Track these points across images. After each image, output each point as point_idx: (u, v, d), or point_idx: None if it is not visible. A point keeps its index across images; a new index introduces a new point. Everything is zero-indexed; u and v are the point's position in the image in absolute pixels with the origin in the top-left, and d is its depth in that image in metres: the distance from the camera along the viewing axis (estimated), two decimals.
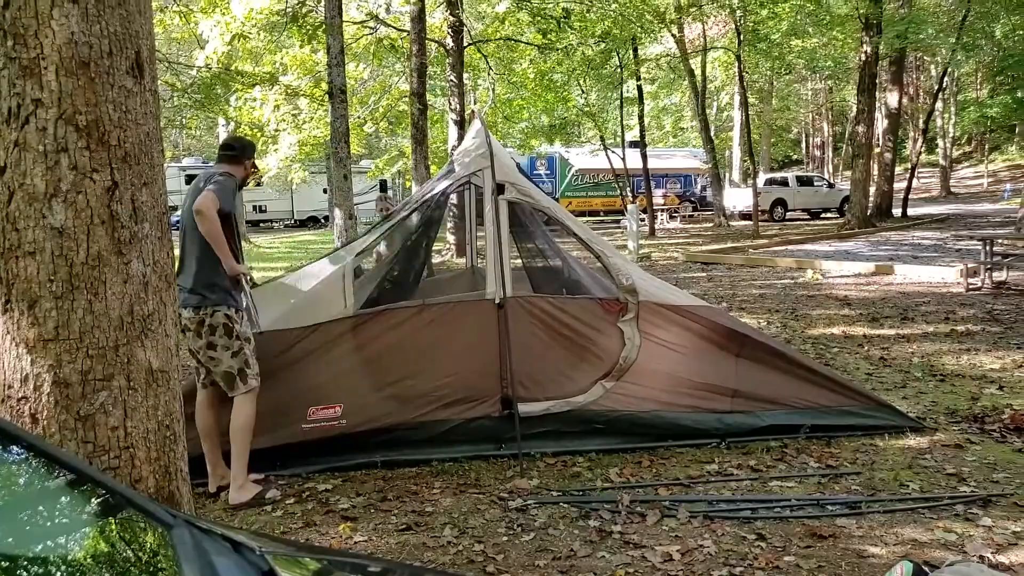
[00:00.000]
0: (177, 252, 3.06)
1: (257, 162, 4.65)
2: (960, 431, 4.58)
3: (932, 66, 32.31)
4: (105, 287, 2.11)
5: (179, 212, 3.85)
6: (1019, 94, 20.81)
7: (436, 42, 15.76)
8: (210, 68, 12.73)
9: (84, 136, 2.05)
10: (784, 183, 26.91)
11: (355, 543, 3.39)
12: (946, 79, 27.05)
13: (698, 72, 22.72)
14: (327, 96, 9.96)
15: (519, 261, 5.09)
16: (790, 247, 17.08)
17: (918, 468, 4.03)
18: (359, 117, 18.12)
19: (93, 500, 1.33)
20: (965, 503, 3.57)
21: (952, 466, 4.03)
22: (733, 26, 20.11)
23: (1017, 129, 36.21)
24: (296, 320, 4.19)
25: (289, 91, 15.32)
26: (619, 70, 20.62)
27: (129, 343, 2.16)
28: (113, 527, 1.34)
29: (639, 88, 22.15)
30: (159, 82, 2.67)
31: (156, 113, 2.30)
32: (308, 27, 11.32)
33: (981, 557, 3.03)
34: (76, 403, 2.08)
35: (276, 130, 16.63)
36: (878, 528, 3.37)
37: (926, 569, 2.57)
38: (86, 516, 1.34)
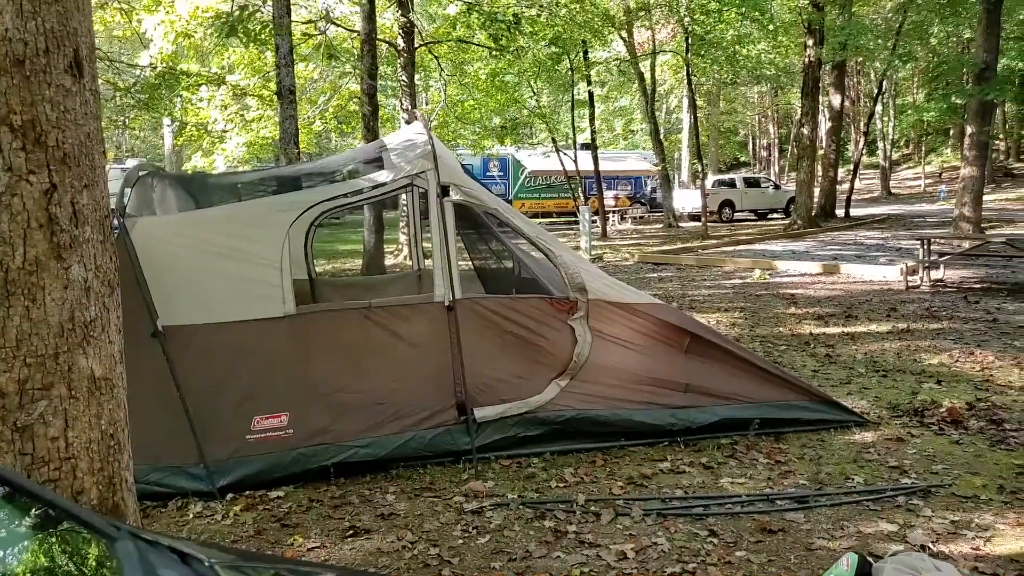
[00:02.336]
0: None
1: (204, 162, 4.50)
2: (901, 425, 4.73)
3: (872, 71, 33.27)
4: (44, 293, 2.04)
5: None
6: (952, 99, 21.58)
7: (387, 43, 15.65)
8: (154, 68, 12.41)
9: (19, 137, 1.98)
10: (732, 184, 27.43)
11: (308, 551, 3.34)
12: (885, 83, 27.90)
13: (648, 76, 23.02)
14: (276, 96, 9.80)
15: (469, 263, 5.06)
16: (739, 247, 17.42)
17: (863, 462, 4.14)
18: (309, 117, 17.89)
19: (29, 514, 1.29)
20: (907, 494, 3.68)
21: (894, 459, 4.15)
22: (681, 31, 20.43)
23: (951, 132, 37.52)
24: (219, 313, 3.98)
25: (237, 91, 15.03)
26: (570, 72, 20.77)
27: (70, 350, 2.10)
28: (52, 542, 1.29)
29: (590, 92, 22.34)
30: (100, 81, 2.59)
31: (97, 113, 2.23)
32: (250, 31, 11.10)
33: (922, 547, 3.13)
34: (13, 413, 2.01)
35: (224, 130, 16.30)
36: (825, 521, 3.45)
37: (870, 560, 2.65)
38: (22, 531, 1.29)
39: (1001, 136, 35.39)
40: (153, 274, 3.88)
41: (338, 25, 15.07)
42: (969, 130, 15.11)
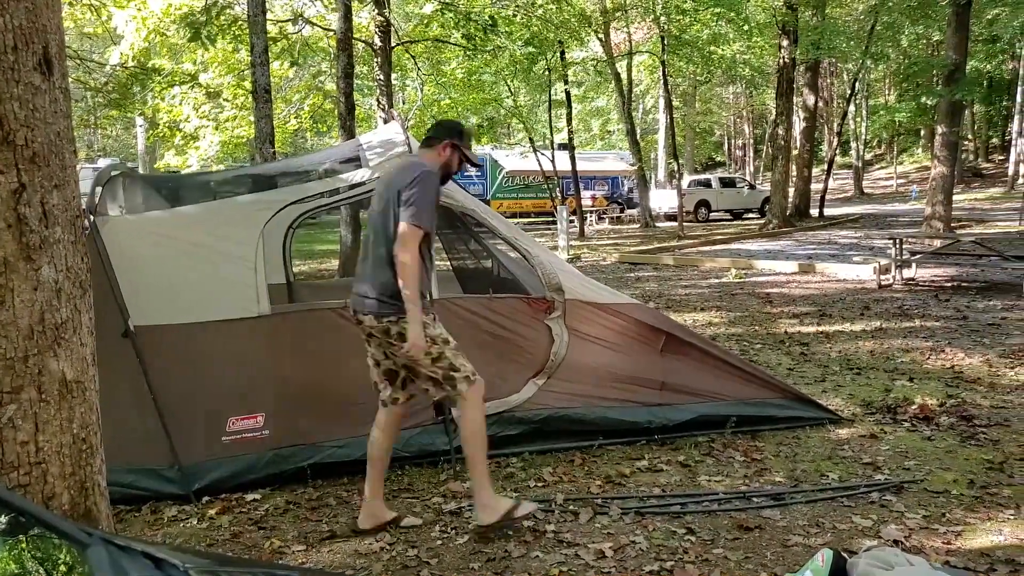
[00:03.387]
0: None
1: (178, 161, 4.43)
2: (875, 422, 4.79)
3: (845, 72, 33.72)
4: (12, 295, 2.00)
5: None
6: (923, 99, 21.96)
7: (363, 42, 15.56)
8: (125, 66, 12.24)
9: None
10: (708, 185, 27.66)
11: (285, 554, 3.31)
12: (858, 84, 28.28)
13: (624, 76, 23.13)
14: (251, 95, 9.70)
15: (447, 263, 5.04)
16: (716, 247, 17.56)
17: (837, 459, 4.19)
18: (284, 116, 17.75)
19: None
20: (880, 491, 3.73)
21: (868, 455, 4.21)
22: (657, 31, 20.55)
23: (922, 132, 38.12)
24: (192, 314, 3.92)
25: (210, 90, 14.87)
26: (547, 72, 20.82)
27: (40, 353, 2.06)
28: (22, 549, 1.27)
29: (567, 91, 22.41)
30: (70, 79, 2.55)
31: (67, 112, 2.20)
32: (213, 33, 10.97)
33: (895, 542, 3.17)
34: None
35: (197, 128, 16.12)
36: (801, 518, 3.49)
37: (845, 556, 2.68)
38: None
39: (970, 137, 36.03)
40: (125, 274, 3.83)
41: (314, 24, 14.95)
42: (940, 130, 15.37)
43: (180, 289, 3.95)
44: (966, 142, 33.92)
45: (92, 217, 3.79)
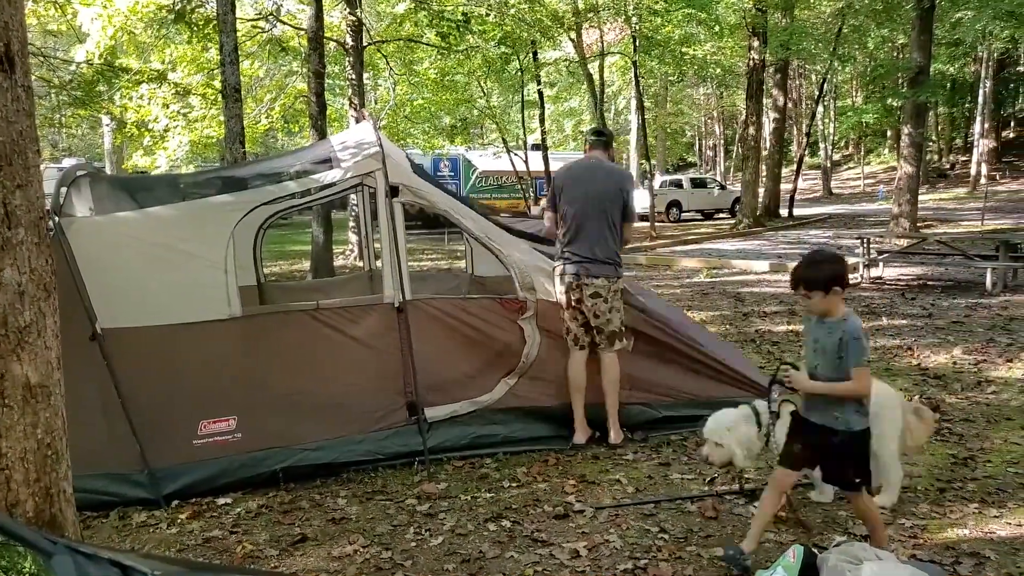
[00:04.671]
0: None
1: (146, 162, 4.37)
2: None
3: (813, 73, 34.18)
4: None
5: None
6: (889, 101, 22.36)
7: (335, 41, 15.45)
8: (91, 64, 12.01)
9: None
10: (679, 185, 27.85)
11: (258, 558, 3.27)
12: (826, 86, 28.70)
13: (596, 77, 23.23)
14: (220, 95, 9.58)
15: (424, 263, 5.02)
16: (688, 247, 17.70)
17: None
18: (255, 116, 17.55)
19: None
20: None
21: None
22: (629, 32, 20.67)
23: (888, 133, 38.77)
24: (161, 316, 3.87)
25: (179, 89, 14.64)
26: (520, 73, 20.84)
27: (3, 357, 2.02)
28: None
29: (539, 91, 22.45)
30: (33, 77, 2.50)
31: (30, 110, 2.15)
32: (196, 24, 10.83)
33: (865, 537, 3.22)
34: None
35: (166, 128, 15.87)
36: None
37: (815, 551, 2.72)
38: None
39: (934, 138, 36.71)
40: (92, 276, 3.76)
41: (284, 23, 14.81)
42: (906, 130, 15.66)
43: (149, 291, 3.90)
44: (930, 143, 34.54)
45: (57, 218, 3.72)
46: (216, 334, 3.96)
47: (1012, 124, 37.98)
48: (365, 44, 15.06)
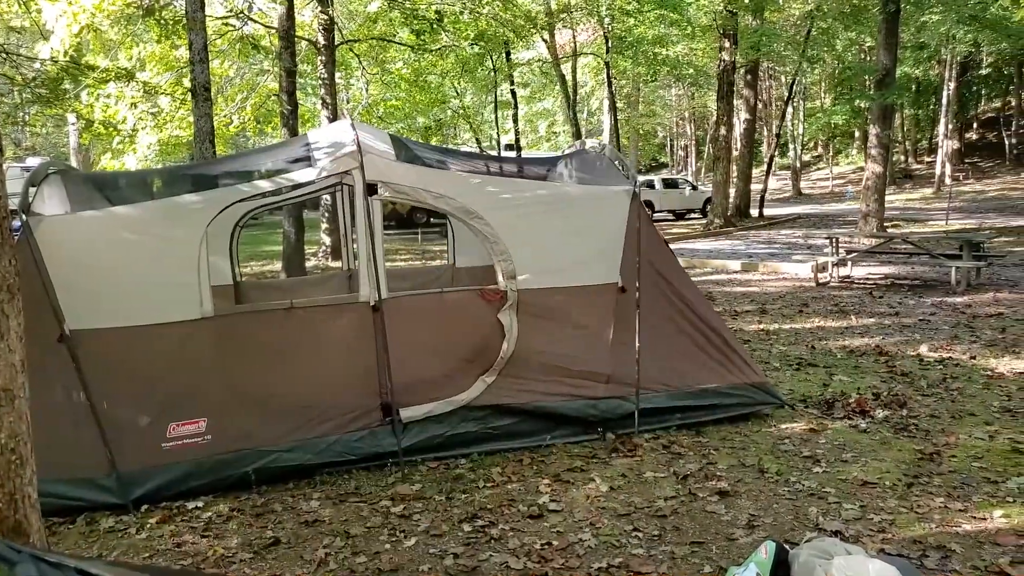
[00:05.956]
0: None
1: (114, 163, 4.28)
2: (814, 416, 4.93)
3: (783, 75, 34.60)
4: None
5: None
6: (857, 102, 22.73)
7: (307, 40, 15.33)
8: (56, 61, 11.78)
9: None
10: (651, 185, 28.02)
11: (231, 563, 3.23)
12: (795, 87, 29.07)
13: (569, 78, 23.33)
14: (190, 94, 9.45)
15: (403, 260, 4.99)
16: None
17: (778, 452, 4.30)
18: (226, 115, 17.35)
19: None
20: (818, 483, 3.84)
21: (808, 449, 4.33)
22: (602, 33, 20.78)
23: (856, 134, 39.38)
24: (132, 316, 3.82)
25: (148, 88, 14.42)
26: (493, 73, 20.86)
27: None
28: None
29: (513, 91, 22.49)
30: None
31: None
32: (166, 21, 10.68)
33: (835, 532, 3.27)
34: None
35: (134, 128, 15.62)
36: (744, 513, 3.57)
37: (787, 547, 2.75)
38: None
39: (900, 139, 37.35)
40: (61, 276, 3.70)
41: (255, 21, 14.66)
42: (874, 131, 15.93)
43: (119, 291, 3.84)
44: (897, 144, 35.14)
45: (24, 217, 3.65)
46: (187, 334, 3.91)
47: (975, 126, 38.80)
48: (337, 43, 14.96)
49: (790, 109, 32.10)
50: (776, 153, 29.71)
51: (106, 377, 3.76)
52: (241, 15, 13.58)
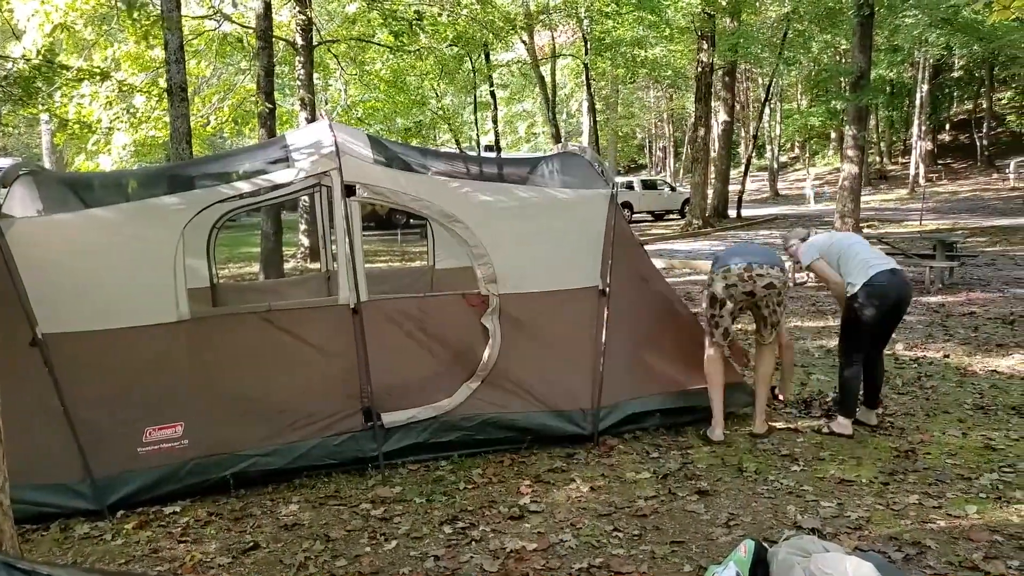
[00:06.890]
0: None
1: (89, 164, 4.21)
2: (792, 416, 4.97)
3: (760, 77, 34.91)
4: None
5: None
6: (832, 104, 23.00)
7: (285, 40, 15.24)
8: (28, 60, 11.60)
9: None
10: (630, 187, 28.15)
11: (206, 569, 3.20)
12: (772, 89, 29.34)
13: (548, 79, 23.38)
14: (166, 94, 9.36)
15: (383, 263, 4.95)
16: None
17: (757, 452, 4.34)
18: (202, 116, 17.18)
19: None
20: (795, 481, 3.88)
21: (786, 448, 4.37)
22: (581, 35, 20.85)
23: (832, 136, 39.82)
24: (106, 320, 3.77)
25: (123, 88, 14.23)
26: (472, 74, 20.85)
27: None
28: None
29: (492, 92, 22.50)
30: None
31: None
32: (142, 21, 10.55)
33: (813, 530, 3.30)
34: None
35: (110, 129, 15.42)
36: (723, 512, 3.59)
37: (766, 545, 2.77)
38: None
39: (875, 140, 37.82)
40: (33, 279, 3.64)
41: (232, 21, 14.54)
42: (849, 132, 16.12)
43: (93, 294, 3.78)
44: (872, 146, 35.58)
45: None
46: (163, 338, 3.86)
47: (947, 127, 39.37)
48: (316, 43, 14.88)
49: (767, 111, 32.44)
50: (754, 154, 29.97)
51: (80, 381, 3.70)
52: (218, 15, 13.46)
